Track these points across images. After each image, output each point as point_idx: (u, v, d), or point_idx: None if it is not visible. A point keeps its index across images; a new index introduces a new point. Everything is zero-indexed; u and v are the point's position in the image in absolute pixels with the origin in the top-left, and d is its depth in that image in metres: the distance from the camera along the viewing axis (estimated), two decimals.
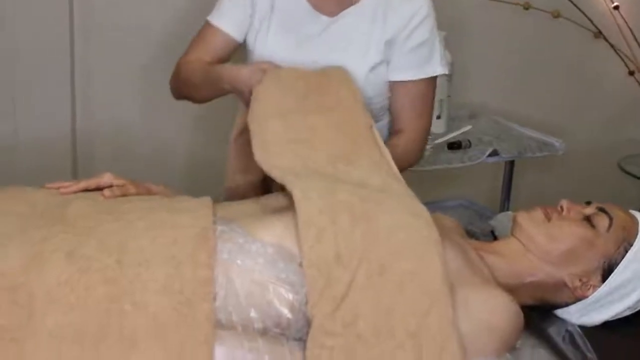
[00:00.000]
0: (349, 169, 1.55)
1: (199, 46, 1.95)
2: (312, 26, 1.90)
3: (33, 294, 1.24)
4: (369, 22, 1.88)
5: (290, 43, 1.90)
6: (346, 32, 1.89)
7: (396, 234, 1.37)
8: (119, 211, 1.44)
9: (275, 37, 1.91)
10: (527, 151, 2.67)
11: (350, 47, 1.88)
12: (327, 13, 1.90)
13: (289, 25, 1.91)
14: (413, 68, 1.90)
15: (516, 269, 1.59)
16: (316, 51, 1.87)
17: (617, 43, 3.30)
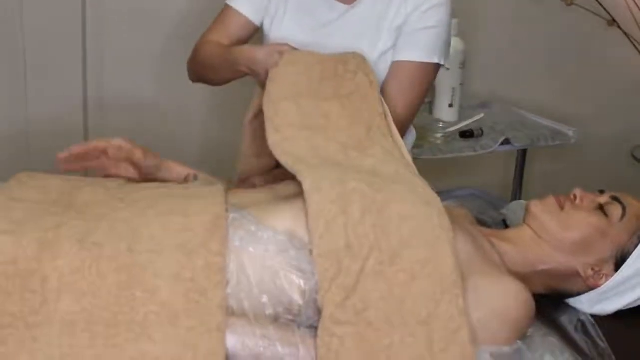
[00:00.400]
0: (362, 156, 1.55)
1: (218, 29, 1.96)
2: (328, 13, 1.91)
3: (46, 281, 1.25)
4: (385, 9, 1.88)
5: (305, 29, 1.90)
6: (361, 19, 1.89)
7: (407, 223, 1.37)
8: (131, 198, 1.44)
9: (290, 23, 1.92)
10: (540, 140, 2.66)
11: (365, 34, 1.88)
12: (344, 1, 1.90)
13: (304, 12, 1.91)
14: (412, 49, 1.87)
15: (528, 256, 1.59)
16: (331, 38, 1.88)
17: (630, 31, 3.27)
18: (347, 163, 1.52)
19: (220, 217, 1.37)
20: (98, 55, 2.77)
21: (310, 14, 1.92)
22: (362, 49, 1.82)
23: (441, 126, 2.62)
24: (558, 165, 3.37)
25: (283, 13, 1.93)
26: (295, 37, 1.87)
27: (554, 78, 3.31)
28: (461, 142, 2.54)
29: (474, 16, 3.00)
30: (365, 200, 1.38)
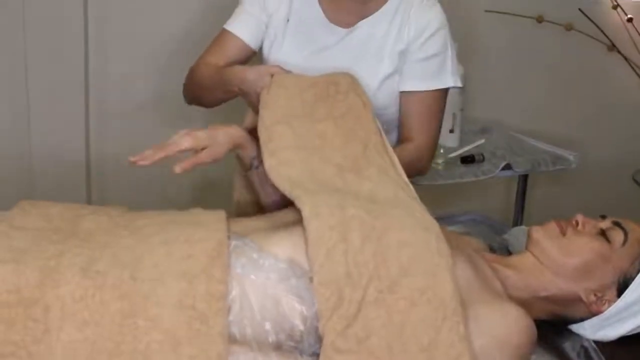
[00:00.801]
0: (359, 179, 1.55)
1: (214, 51, 1.97)
2: (328, 37, 1.92)
3: (48, 310, 1.25)
4: (384, 33, 1.90)
5: (304, 53, 1.92)
6: (361, 43, 1.91)
7: (406, 250, 1.37)
8: (134, 226, 1.44)
9: (289, 47, 1.93)
10: (541, 165, 2.66)
11: (365, 58, 1.90)
12: (343, 25, 1.92)
13: (304, 37, 1.93)
14: (424, 79, 1.91)
15: (530, 282, 1.58)
16: (330, 61, 1.88)
17: (631, 55, 3.29)
18: (344, 188, 1.52)
19: (222, 244, 1.37)
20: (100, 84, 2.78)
21: (310, 37, 1.93)
22: (362, 73, 1.83)
23: (442, 152, 2.63)
24: (559, 189, 3.37)
25: (282, 37, 1.94)
26: (295, 61, 1.88)
27: (554, 103, 3.32)
28: (462, 167, 2.54)
29: (474, 41, 3.02)
30: (364, 227, 1.37)
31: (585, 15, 3.14)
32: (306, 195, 1.45)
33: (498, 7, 3.03)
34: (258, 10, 1.95)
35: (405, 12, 1.90)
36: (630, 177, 3.29)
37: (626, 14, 3.21)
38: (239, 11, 1.98)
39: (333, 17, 1.92)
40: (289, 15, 1.93)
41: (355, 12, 1.91)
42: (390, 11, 1.91)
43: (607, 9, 3.21)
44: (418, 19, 1.89)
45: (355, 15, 1.92)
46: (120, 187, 2.87)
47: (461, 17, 3.02)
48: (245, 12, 1.97)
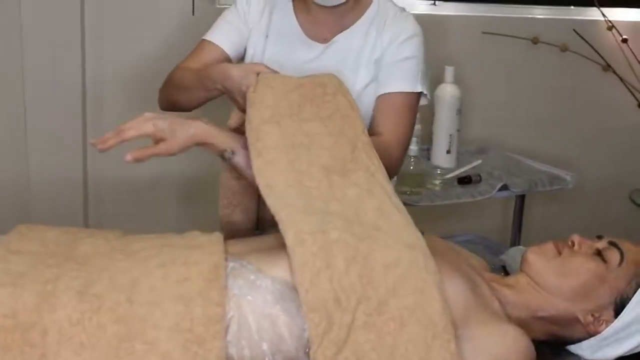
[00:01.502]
0: (345, 183, 1.52)
1: (193, 59, 1.96)
2: (306, 53, 1.94)
3: (45, 334, 1.25)
4: (360, 45, 1.93)
5: (284, 70, 1.86)
6: (339, 57, 1.93)
7: (392, 271, 1.37)
8: (130, 249, 1.44)
9: (269, 64, 1.85)
10: (538, 185, 2.67)
11: (343, 71, 1.89)
12: (320, 40, 1.94)
13: (283, 53, 1.95)
14: (396, 81, 1.90)
15: (528, 303, 1.58)
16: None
17: (626, 76, 3.30)
18: (330, 195, 1.50)
19: (219, 266, 1.37)
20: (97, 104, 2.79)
21: (288, 53, 1.95)
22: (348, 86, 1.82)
23: (439, 172, 2.63)
24: (556, 209, 3.37)
25: (262, 53, 1.96)
26: None
27: (550, 123, 3.33)
28: (459, 188, 2.55)
29: (470, 63, 3.03)
30: (348, 250, 1.37)
31: (580, 36, 3.16)
32: (289, 219, 1.42)
33: (494, 29, 3.04)
34: (239, 22, 1.97)
35: (380, 23, 1.93)
36: (627, 196, 3.30)
37: (621, 34, 3.22)
38: (219, 22, 2.00)
39: (310, 32, 1.95)
40: (268, 31, 1.96)
41: (331, 27, 1.93)
42: (365, 24, 1.93)
43: (602, 30, 3.23)
44: (392, 28, 1.92)
45: (331, 29, 1.94)
46: (117, 209, 2.87)
47: (458, 38, 3.05)
48: (225, 22, 1.99)
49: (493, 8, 3.17)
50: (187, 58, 1.98)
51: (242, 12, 1.98)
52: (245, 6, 1.97)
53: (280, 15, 1.96)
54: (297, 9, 1.96)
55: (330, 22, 1.93)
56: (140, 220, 2.82)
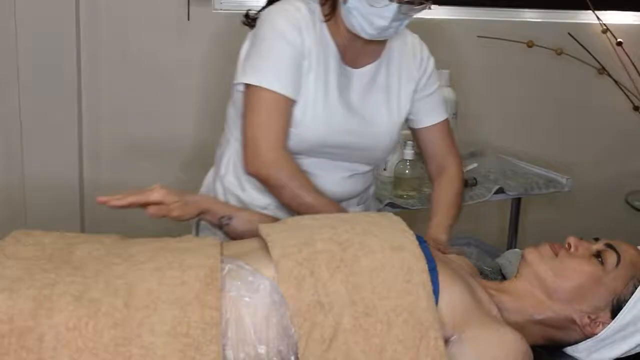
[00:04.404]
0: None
1: (275, 124, 1.80)
2: (347, 78, 1.90)
3: (42, 339, 1.24)
4: (395, 74, 1.96)
5: (334, 98, 1.87)
6: (378, 85, 1.94)
7: (377, 275, 1.39)
8: (128, 253, 1.44)
9: (322, 96, 1.85)
10: (534, 188, 2.67)
11: (385, 99, 1.94)
12: (352, 65, 1.91)
13: (330, 80, 1.87)
14: (438, 111, 2.05)
15: (525, 306, 1.58)
16: (356, 104, 1.91)
17: (620, 79, 3.31)
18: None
19: (215, 270, 1.37)
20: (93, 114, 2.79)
21: (336, 79, 1.88)
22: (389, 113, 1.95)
23: None
24: (553, 212, 3.38)
25: (314, 86, 1.85)
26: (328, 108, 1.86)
27: (545, 126, 3.34)
28: None
29: (465, 67, 3.04)
30: (333, 260, 1.40)
31: (575, 39, 3.17)
32: (276, 234, 1.48)
33: (490, 33, 3.05)
34: (298, 61, 1.82)
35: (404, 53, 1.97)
36: (622, 199, 3.30)
37: (615, 37, 3.23)
38: (276, 64, 1.80)
39: (343, 57, 1.90)
40: (318, 59, 1.85)
41: (362, 54, 1.91)
42: (394, 51, 1.96)
43: (596, 33, 3.24)
44: (418, 58, 1.99)
45: (361, 56, 1.92)
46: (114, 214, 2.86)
47: (454, 42, 3.05)
48: (284, 63, 1.81)
49: (488, 12, 3.18)
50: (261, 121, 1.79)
51: (295, 42, 1.81)
52: (297, 35, 1.81)
53: (322, 40, 1.86)
54: (331, 31, 1.88)
55: (360, 47, 1.89)
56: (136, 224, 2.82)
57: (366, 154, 1.96)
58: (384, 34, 1.83)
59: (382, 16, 1.77)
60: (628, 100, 3.36)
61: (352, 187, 2.00)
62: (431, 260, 1.45)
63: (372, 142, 1.94)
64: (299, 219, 1.59)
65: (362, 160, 1.98)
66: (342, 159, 1.94)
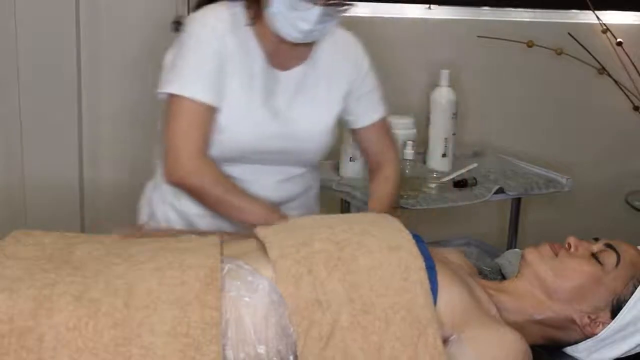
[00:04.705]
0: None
1: (195, 132, 1.78)
2: (274, 82, 1.87)
3: (42, 338, 1.24)
4: (324, 75, 1.93)
5: (260, 103, 1.85)
6: (306, 87, 1.91)
7: (375, 273, 1.39)
8: (127, 253, 1.44)
9: (246, 101, 1.83)
10: (533, 188, 2.67)
11: (314, 100, 1.92)
12: (280, 68, 1.89)
13: (254, 85, 1.84)
14: (375, 109, 2.04)
15: (525, 306, 1.58)
16: (282, 107, 1.88)
17: (620, 78, 3.31)
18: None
19: (215, 270, 1.37)
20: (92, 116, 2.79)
21: (261, 84, 1.86)
22: (319, 114, 1.91)
23: (435, 176, 2.63)
24: (553, 212, 3.38)
25: (238, 91, 1.82)
26: (253, 113, 1.84)
27: (545, 126, 3.34)
28: (455, 191, 2.55)
29: (466, 66, 3.04)
30: (330, 260, 1.41)
31: (575, 39, 3.17)
32: (274, 236, 1.50)
33: (489, 33, 3.05)
34: (214, 64, 1.79)
35: (336, 51, 1.94)
36: (622, 199, 3.30)
37: (615, 37, 3.23)
38: (197, 72, 1.79)
39: (271, 60, 1.87)
40: (241, 64, 1.83)
41: (289, 56, 1.89)
42: (324, 52, 1.93)
43: (596, 33, 3.24)
44: (351, 58, 1.97)
45: (289, 58, 1.89)
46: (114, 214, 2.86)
47: (454, 42, 3.05)
48: (202, 69, 1.79)
49: (488, 12, 3.18)
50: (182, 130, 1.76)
51: (214, 49, 1.79)
52: (216, 41, 1.80)
53: (246, 44, 1.84)
54: (257, 35, 1.85)
55: (288, 50, 1.87)
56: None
57: (297, 157, 1.94)
58: (310, 36, 1.81)
59: (306, 20, 1.76)
60: (628, 100, 3.36)
61: (288, 191, 1.98)
62: (429, 259, 1.45)
63: (302, 145, 1.91)
64: (296, 220, 1.60)
65: (294, 163, 1.95)
66: (273, 163, 1.92)
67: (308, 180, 2.04)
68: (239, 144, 1.84)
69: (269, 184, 1.93)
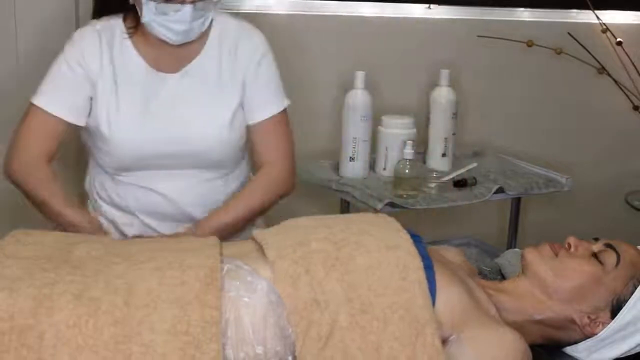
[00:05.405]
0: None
1: (34, 136, 1.89)
2: (160, 86, 1.89)
3: (42, 336, 1.25)
4: (217, 67, 1.91)
5: (143, 109, 1.87)
6: (197, 84, 1.90)
7: (373, 273, 1.40)
8: (127, 253, 1.45)
9: (127, 108, 1.87)
10: (533, 188, 2.67)
11: (206, 96, 1.90)
12: (172, 71, 1.90)
13: (137, 92, 1.88)
14: (268, 105, 1.96)
15: (524, 306, 1.59)
16: (173, 108, 1.88)
17: (620, 78, 3.31)
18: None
19: (215, 269, 1.37)
20: None
21: (143, 91, 1.88)
22: (213, 111, 1.89)
23: (435, 176, 2.63)
24: (552, 212, 3.38)
25: (115, 100, 1.87)
26: (135, 118, 1.86)
27: (545, 126, 3.34)
28: (455, 191, 2.55)
29: (465, 66, 3.03)
30: (328, 259, 1.41)
31: (575, 39, 3.17)
32: (272, 237, 1.50)
33: (489, 32, 3.05)
34: (73, 82, 1.87)
35: (229, 44, 1.92)
36: (622, 199, 3.30)
37: (615, 37, 3.23)
38: (50, 84, 1.89)
39: (158, 65, 1.89)
40: (115, 77, 1.87)
41: (179, 56, 1.89)
42: (214, 46, 1.92)
43: (596, 33, 3.23)
44: (243, 48, 1.93)
45: (178, 59, 1.90)
46: None
47: (453, 42, 3.05)
48: (58, 86, 1.88)
49: (488, 11, 3.18)
50: (28, 137, 1.88)
51: (77, 69, 1.87)
52: (81, 60, 1.86)
53: (121, 56, 1.88)
54: (138, 44, 1.89)
55: (175, 51, 1.88)
56: None
57: (201, 159, 1.92)
58: (191, 34, 1.83)
59: (180, 20, 1.78)
60: (628, 100, 3.36)
61: (207, 196, 1.96)
62: (427, 259, 1.46)
63: (198, 145, 1.89)
64: (294, 221, 1.60)
65: (201, 166, 1.93)
66: (177, 167, 1.92)
67: (230, 186, 2.02)
68: (127, 152, 1.87)
69: (180, 189, 1.94)
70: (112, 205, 1.97)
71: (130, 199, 1.94)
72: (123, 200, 1.95)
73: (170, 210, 1.94)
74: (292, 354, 1.34)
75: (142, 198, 1.93)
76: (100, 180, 1.97)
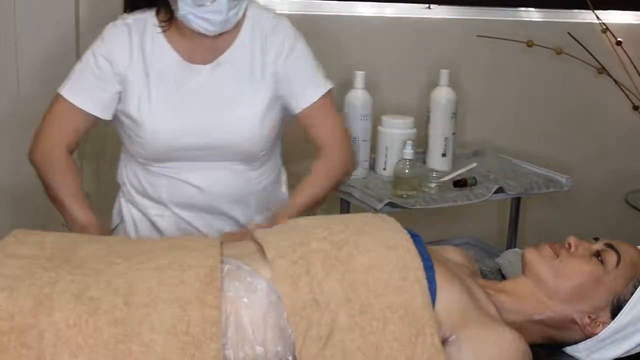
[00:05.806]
0: None
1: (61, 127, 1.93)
2: (194, 78, 1.90)
3: (42, 336, 1.25)
4: (249, 59, 1.92)
5: (176, 102, 1.89)
6: (230, 74, 1.91)
7: (372, 273, 1.40)
8: (128, 253, 1.45)
9: (159, 101, 1.88)
10: (534, 188, 2.67)
11: (240, 88, 1.91)
12: (204, 62, 1.91)
13: (170, 85, 1.89)
14: (308, 91, 1.96)
15: (525, 306, 1.58)
16: (205, 100, 1.89)
17: (620, 78, 3.31)
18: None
19: (215, 269, 1.37)
20: None
21: (176, 84, 1.89)
22: (244, 103, 1.89)
23: (435, 175, 2.63)
24: (552, 212, 3.38)
25: (147, 93, 1.89)
26: (169, 111, 1.88)
27: (545, 126, 3.34)
28: (455, 191, 2.55)
29: (465, 66, 3.03)
30: (327, 259, 1.41)
31: (575, 39, 3.17)
32: (271, 237, 1.50)
33: (489, 32, 3.05)
34: (98, 80, 1.89)
35: (261, 36, 1.93)
36: (622, 199, 3.30)
37: (615, 37, 3.23)
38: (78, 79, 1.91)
39: (191, 56, 1.90)
40: (147, 70, 1.89)
41: (212, 47, 1.90)
42: (247, 37, 1.92)
43: (596, 33, 3.24)
44: (274, 39, 1.93)
45: (213, 49, 1.91)
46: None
47: (453, 41, 3.05)
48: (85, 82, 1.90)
49: (488, 11, 3.18)
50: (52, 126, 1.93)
51: (103, 64, 1.89)
52: (108, 55, 1.89)
53: (153, 49, 1.90)
54: (171, 37, 1.91)
55: (209, 43, 1.89)
56: None
57: (231, 151, 1.93)
58: (228, 25, 1.84)
59: (217, 11, 1.79)
60: (628, 100, 3.36)
61: (238, 188, 1.98)
62: (427, 259, 1.45)
63: (229, 137, 1.90)
64: (294, 221, 1.60)
65: (231, 158, 1.94)
66: (208, 159, 1.93)
67: (261, 179, 2.03)
68: (159, 143, 1.88)
69: (211, 181, 1.95)
70: (144, 195, 1.99)
71: (162, 189, 1.96)
72: (155, 191, 1.97)
73: (200, 202, 1.96)
74: (292, 354, 1.34)
75: (173, 189, 1.95)
76: (133, 169, 1.99)
